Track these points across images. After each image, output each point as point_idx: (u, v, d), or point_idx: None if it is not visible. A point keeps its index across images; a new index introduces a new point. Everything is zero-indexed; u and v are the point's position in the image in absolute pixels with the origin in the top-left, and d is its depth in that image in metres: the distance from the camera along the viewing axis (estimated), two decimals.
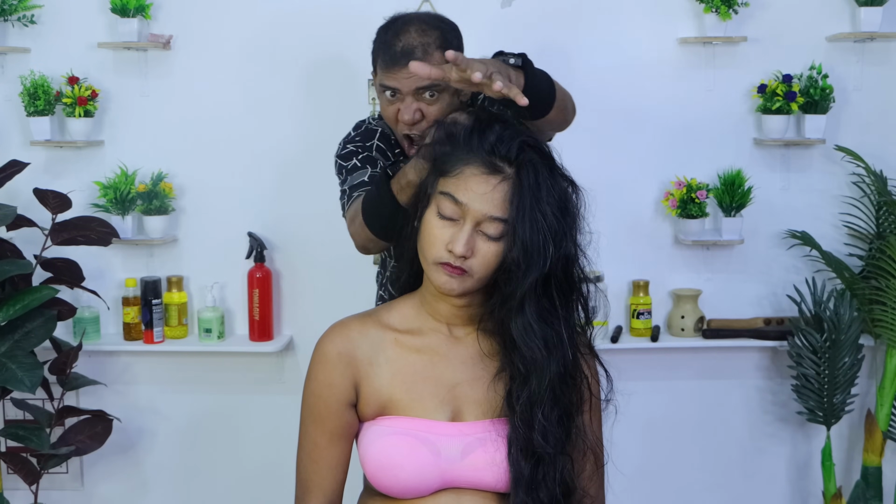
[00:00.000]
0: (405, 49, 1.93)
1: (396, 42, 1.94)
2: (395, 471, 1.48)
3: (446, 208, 1.48)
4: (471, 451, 1.49)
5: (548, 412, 1.48)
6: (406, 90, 1.94)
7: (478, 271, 1.49)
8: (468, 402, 1.53)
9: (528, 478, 1.47)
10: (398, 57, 1.93)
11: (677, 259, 3.16)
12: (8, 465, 2.94)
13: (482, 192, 1.46)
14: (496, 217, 1.46)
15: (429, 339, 1.57)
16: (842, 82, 3.09)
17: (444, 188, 1.49)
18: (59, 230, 2.84)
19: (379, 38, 2.00)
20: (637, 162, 3.12)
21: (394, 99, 1.97)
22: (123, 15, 2.98)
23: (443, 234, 1.48)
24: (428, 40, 1.95)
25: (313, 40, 3.07)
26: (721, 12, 2.97)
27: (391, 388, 1.53)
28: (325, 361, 1.56)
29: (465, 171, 1.47)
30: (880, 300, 2.95)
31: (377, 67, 1.99)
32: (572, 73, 3.10)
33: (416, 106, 1.95)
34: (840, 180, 3.12)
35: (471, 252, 1.47)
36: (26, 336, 2.71)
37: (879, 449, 3.01)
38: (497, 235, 1.47)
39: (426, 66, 1.57)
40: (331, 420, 1.55)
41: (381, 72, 1.97)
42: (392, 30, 1.97)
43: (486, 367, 1.54)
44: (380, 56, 1.98)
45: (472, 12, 3.07)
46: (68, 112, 3.02)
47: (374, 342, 1.56)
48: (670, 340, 3.08)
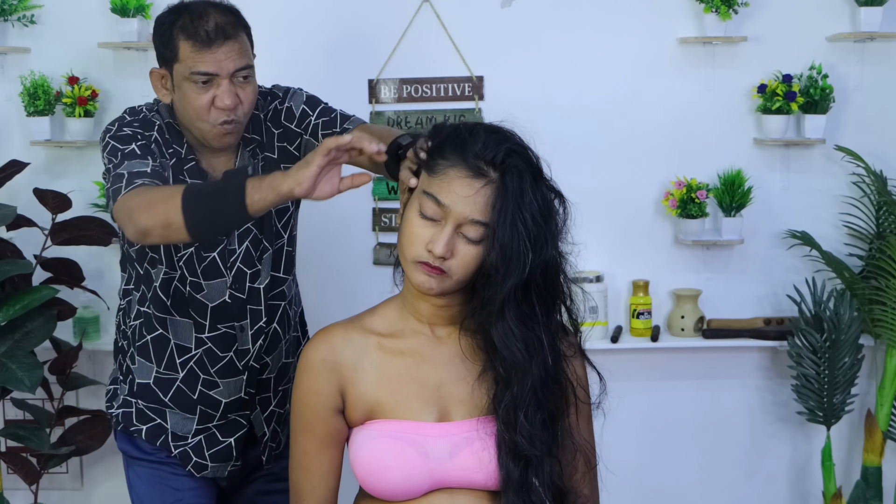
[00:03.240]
0: (218, 27, 1.87)
1: (202, 23, 1.87)
2: (384, 474, 1.50)
3: (428, 208, 1.48)
4: (459, 451, 1.51)
5: (531, 415, 1.49)
6: (224, 72, 1.88)
7: (456, 273, 1.49)
8: (454, 401, 1.54)
9: (518, 480, 1.48)
10: (213, 36, 1.86)
11: (677, 259, 3.16)
12: (8, 465, 2.94)
13: (465, 195, 1.46)
14: (477, 220, 1.46)
15: (412, 341, 1.58)
16: (842, 82, 3.09)
17: (428, 188, 1.49)
18: (59, 230, 2.85)
19: (173, 25, 1.90)
20: (637, 162, 3.12)
21: (207, 86, 1.88)
22: (123, 15, 2.98)
23: (423, 233, 1.48)
24: (232, 19, 1.91)
25: (313, 41, 3.07)
26: (721, 12, 2.97)
27: (377, 391, 1.54)
28: (309, 369, 1.57)
29: (449, 172, 1.47)
30: (880, 300, 2.95)
31: (179, 56, 1.89)
32: (572, 73, 3.11)
33: (233, 89, 1.89)
34: (840, 180, 3.12)
35: (450, 253, 1.47)
36: (26, 336, 2.71)
37: (879, 449, 3.01)
38: (477, 239, 1.47)
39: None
40: (319, 427, 1.57)
41: (189, 58, 1.87)
42: (187, 14, 1.89)
43: (470, 367, 1.55)
44: (182, 42, 1.88)
45: (472, 12, 3.08)
46: (68, 112, 3.02)
47: (357, 348, 1.57)
48: (670, 340, 3.08)
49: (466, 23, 3.08)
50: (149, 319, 2.06)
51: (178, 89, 1.91)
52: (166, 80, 1.95)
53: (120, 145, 1.90)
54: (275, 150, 2.06)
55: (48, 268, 2.85)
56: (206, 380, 2.07)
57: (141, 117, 1.98)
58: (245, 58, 1.93)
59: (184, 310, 2.04)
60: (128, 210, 1.74)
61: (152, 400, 2.08)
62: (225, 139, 1.94)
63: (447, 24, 3.06)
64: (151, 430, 2.08)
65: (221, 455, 2.10)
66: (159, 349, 2.07)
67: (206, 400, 2.07)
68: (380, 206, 3.15)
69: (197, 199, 1.63)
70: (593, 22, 3.09)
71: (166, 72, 1.94)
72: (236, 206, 1.58)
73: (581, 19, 3.09)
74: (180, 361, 2.06)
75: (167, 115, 2.00)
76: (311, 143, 2.06)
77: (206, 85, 1.88)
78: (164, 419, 2.08)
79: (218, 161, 2.02)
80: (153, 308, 2.05)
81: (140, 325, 2.08)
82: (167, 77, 1.94)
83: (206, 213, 1.62)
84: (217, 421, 2.09)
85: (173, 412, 2.08)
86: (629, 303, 3.12)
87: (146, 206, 1.69)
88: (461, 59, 3.05)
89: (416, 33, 3.07)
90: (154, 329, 2.07)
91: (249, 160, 2.03)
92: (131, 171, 1.82)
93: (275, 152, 2.06)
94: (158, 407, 2.08)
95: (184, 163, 1.97)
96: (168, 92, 1.96)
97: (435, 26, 3.06)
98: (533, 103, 3.05)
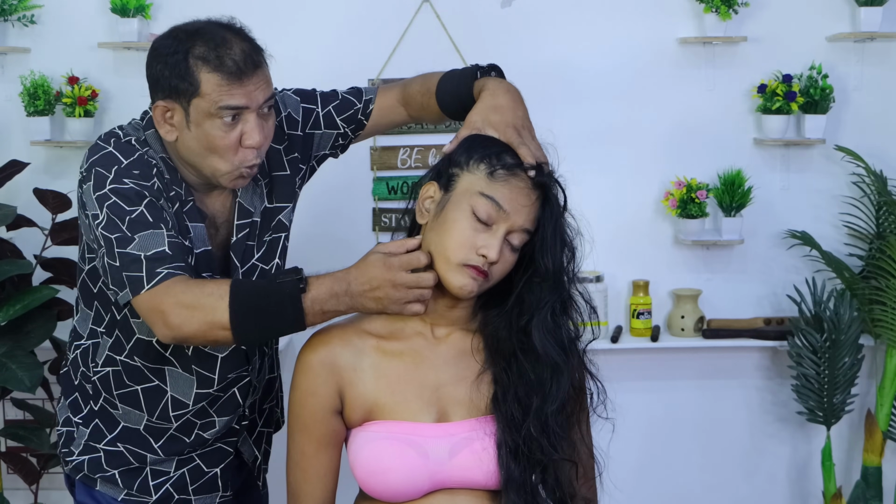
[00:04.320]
0: (246, 55, 1.63)
1: (226, 52, 1.62)
2: (384, 475, 1.50)
3: (483, 211, 1.50)
4: (458, 451, 1.51)
5: (542, 416, 1.51)
6: (255, 105, 1.63)
7: (495, 277, 1.53)
8: (452, 402, 1.55)
9: (519, 479, 1.49)
10: (243, 66, 1.62)
11: (677, 259, 3.17)
12: (8, 465, 2.94)
13: (523, 204, 1.51)
14: (527, 229, 1.52)
15: (410, 342, 1.58)
16: (842, 82, 3.09)
17: (488, 191, 1.50)
18: (59, 230, 2.85)
19: (188, 54, 1.62)
20: (637, 162, 3.12)
21: (234, 122, 1.63)
22: (123, 15, 2.99)
23: (475, 236, 1.50)
24: (254, 43, 1.68)
25: (313, 41, 3.07)
26: (721, 12, 2.97)
27: (376, 392, 1.55)
28: (306, 371, 1.57)
29: (511, 180, 1.51)
30: (880, 300, 2.95)
31: (202, 90, 1.61)
32: (572, 72, 3.11)
33: (261, 123, 1.65)
34: (840, 180, 3.12)
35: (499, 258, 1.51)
36: (26, 336, 2.71)
37: (879, 449, 3.01)
38: (520, 246, 1.53)
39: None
40: (316, 428, 1.57)
41: (215, 92, 1.61)
42: (203, 41, 1.63)
43: (469, 367, 1.56)
44: (206, 74, 1.61)
45: (472, 12, 3.08)
46: (68, 112, 3.02)
47: (355, 349, 1.57)
48: (670, 340, 3.08)
49: (466, 23, 3.08)
50: (135, 371, 1.76)
51: (197, 126, 1.63)
52: (174, 115, 1.65)
53: (126, 206, 1.61)
54: (285, 166, 1.85)
55: (48, 268, 2.85)
56: (204, 423, 1.82)
57: (136, 158, 1.66)
58: (271, 86, 1.69)
59: (186, 363, 1.77)
60: (160, 311, 1.55)
61: (137, 444, 1.80)
62: (239, 181, 1.70)
63: (447, 24, 3.06)
64: (127, 473, 1.80)
65: (206, 487, 1.85)
66: (152, 400, 1.78)
67: (198, 440, 1.83)
68: (380, 206, 3.15)
69: (248, 318, 1.53)
70: (593, 22, 3.09)
71: (177, 106, 1.64)
72: (293, 327, 1.54)
73: (581, 19, 3.09)
74: (175, 415, 1.79)
75: (159, 148, 1.71)
76: (328, 134, 1.91)
77: (234, 121, 1.63)
78: (144, 462, 1.81)
79: (215, 199, 1.77)
80: (142, 360, 1.76)
81: (117, 374, 1.78)
82: (176, 112, 1.64)
83: (260, 332, 1.57)
84: (200, 450, 1.84)
85: (155, 457, 1.81)
86: (629, 303, 3.12)
87: (185, 311, 1.53)
88: (461, 59, 3.05)
89: (416, 33, 3.07)
90: (146, 380, 1.77)
91: (253, 188, 1.79)
92: (149, 255, 1.57)
93: (285, 168, 1.85)
94: (141, 452, 1.80)
95: (184, 205, 1.71)
96: (173, 128, 1.66)
97: (435, 26, 3.06)
98: (533, 103, 3.04)
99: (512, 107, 1.68)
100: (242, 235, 1.77)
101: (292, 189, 1.86)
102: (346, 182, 3.02)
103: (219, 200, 1.77)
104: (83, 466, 1.81)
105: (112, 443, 1.80)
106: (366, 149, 3.09)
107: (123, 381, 1.77)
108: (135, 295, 1.57)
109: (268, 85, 1.67)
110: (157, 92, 1.66)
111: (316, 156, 1.93)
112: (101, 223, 1.61)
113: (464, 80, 1.80)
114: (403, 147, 3.11)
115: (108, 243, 1.60)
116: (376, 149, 3.10)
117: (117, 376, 1.77)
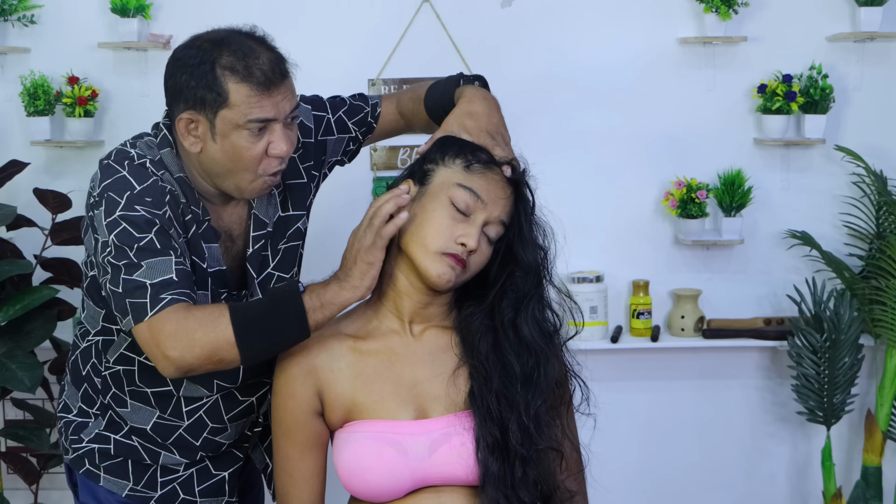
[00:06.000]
0: (273, 65, 1.62)
1: (254, 62, 1.59)
2: (364, 475, 1.51)
3: (462, 201, 1.52)
4: (438, 448, 1.52)
5: (522, 410, 1.52)
6: (282, 116, 1.62)
7: (473, 268, 1.55)
8: (430, 398, 1.56)
9: (497, 474, 1.50)
10: (272, 77, 1.60)
11: (677, 259, 3.17)
12: (8, 465, 2.95)
13: (500, 196, 1.55)
14: (503, 221, 1.56)
15: (385, 340, 1.60)
16: (842, 82, 3.09)
17: (466, 182, 1.54)
18: (59, 230, 2.85)
19: (215, 64, 1.59)
20: (637, 162, 3.12)
21: (261, 133, 1.60)
22: (123, 15, 2.99)
23: (454, 225, 1.52)
24: (278, 52, 1.66)
25: (313, 41, 3.07)
26: (721, 12, 2.97)
27: (353, 392, 1.56)
28: (285, 374, 1.59)
29: (487, 173, 1.55)
30: (880, 300, 2.95)
31: (230, 101, 1.58)
32: (572, 72, 3.11)
33: (287, 133, 1.63)
34: (840, 180, 3.12)
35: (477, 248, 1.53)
36: (26, 336, 2.71)
37: (879, 449, 3.01)
38: (496, 239, 1.56)
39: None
40: (299, 431, 1.58)
41: (245, 103, 1.58)
42: (229, 50, 1.60)
43: (445, 363, 1.57)
44: (235, 85, 1.58)
45: (472, 12, 3.08)
46: (68, 112, 3.02)
47: (332, 351, 1.58)
48: (670, 340, 3.08)
49: (466, 23, 3.08)
50: (148, 371, 1.73)
51: (224, 138, 1.60)
52: (198, 126, 1.61)
53: (136, 233, 1.57)
54: (301, 174, 1.83)
55: (48, 268, 2.85)
56: (215, 427, 1.81)
57: (150, 185, 1.62)
58: (296, 95, 1.68)
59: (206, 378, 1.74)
60: (157, 342, 1.52)
61: (148, 440, 1.79)
62: (264, 190, 1.68)
63: (447, 24, 3.06)
64: (138, 466, 1.79)
65: (213, 489, 1.84)
66: (162, 399, 1.77)
67: (208, 444, 1.82)
68: None
69: (252, 330, 1.52)
70: (593, 22, 3.09)
71: (202, 118, 1.60)
72: (298, 330, 1.54)
73: (581, 19, 3.09)
74: (188, 410, 1.78)
75: (176, 167, 1.67)
76: (340, 139, 1.91)
77: (261, 132, 1.60)
78: (156, 459, 1.80)
79: (231, 212, 1.75)
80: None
81: (129, 373, 1.76)
82: (201, 123, 1.60)
83: (265, 344, 1.55)
84: (211, 452, 1.84)
85: (168, 454, 1.80)
86: (629, 303, 3.12)
87: (185, 339, 1.51)
88: (461, 59, 3.05)
89: (416, 33, 3.07)
90: (159, 383, 1.75)
91: (268, 199, 1.77)
92: (154, 282, 1.54)
93: (301, 175, 1.83)
94: (153, 448, 1.79)
95: (200, 225, 1.68)
96: (198, 140, 1.62)
97: (435, 26, 3.07)
98: (533, 103, 3.05)
99: (487, 113, 1.70)
100: (259, 247, 1.77)
101: (308, 197, 1.87)
102: (346, 182, 3.02)
103: (235, 212, 1.76)
104: (90, 455, 1.79)
105: (127, 435, 1.79)
106: (366, 149, 3.08)
107: (136, 382, 1.76)
108: (137, 322, 1.54)
109: (293, 94, 1.66)
110: (179, 103, 1.62)
111: (328, 162, 1.94)
112: (109, 251, 1.58)
113: (447, 88, 1.82)
114: (403, 147, 3.11)
115: (114, 270, 1.57)
116: (376, 149, 3.10)
117: (128, 377, 1.76)
